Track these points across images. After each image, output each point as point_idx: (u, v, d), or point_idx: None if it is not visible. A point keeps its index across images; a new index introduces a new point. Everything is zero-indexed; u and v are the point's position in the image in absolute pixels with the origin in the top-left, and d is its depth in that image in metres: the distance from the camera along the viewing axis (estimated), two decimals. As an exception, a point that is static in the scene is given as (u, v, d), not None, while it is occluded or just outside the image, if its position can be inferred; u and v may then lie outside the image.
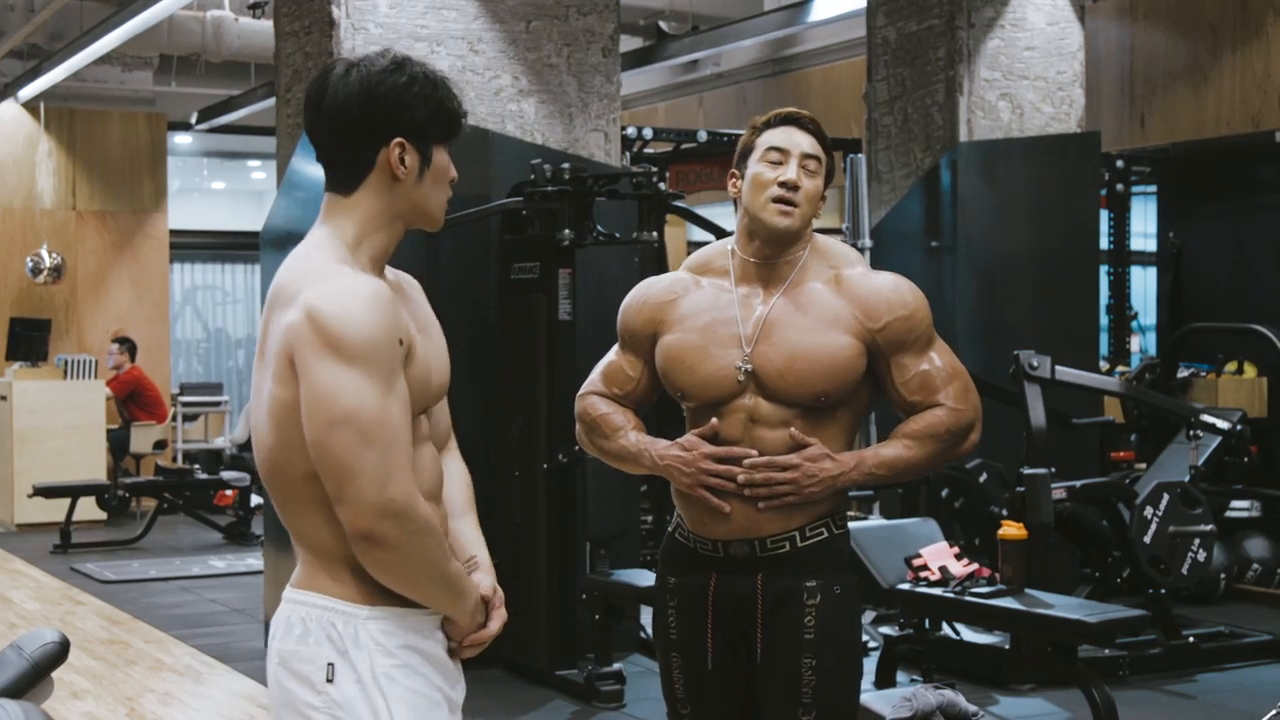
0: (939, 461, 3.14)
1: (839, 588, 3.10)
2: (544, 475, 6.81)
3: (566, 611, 6.83)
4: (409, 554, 2.30)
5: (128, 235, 14.08)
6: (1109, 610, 5.74)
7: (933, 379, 3.12)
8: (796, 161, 3.11)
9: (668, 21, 12.82)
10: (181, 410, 14.59)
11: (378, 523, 2.26)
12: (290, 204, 7.16)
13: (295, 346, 2.29)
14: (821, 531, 3.10)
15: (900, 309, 3.13)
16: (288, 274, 2.38)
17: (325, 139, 2.44)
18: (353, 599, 2.36)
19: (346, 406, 2.25)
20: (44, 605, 8.77)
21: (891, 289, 3.16)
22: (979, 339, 8.20)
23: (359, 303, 2.28)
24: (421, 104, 2.42)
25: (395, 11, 6.94)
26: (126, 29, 10.94)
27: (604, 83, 7.48)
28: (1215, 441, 7.67)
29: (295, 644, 2.37)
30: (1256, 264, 9.76)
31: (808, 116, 3.19)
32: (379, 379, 2.27)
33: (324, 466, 2.27)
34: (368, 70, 2.41)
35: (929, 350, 3.15)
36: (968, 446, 3.15)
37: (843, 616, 3.11)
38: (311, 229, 2.47)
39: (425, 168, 2.45)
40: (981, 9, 8.31)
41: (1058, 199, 8.47)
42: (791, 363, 3.05)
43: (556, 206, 6.76)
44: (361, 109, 2.39)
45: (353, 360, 2.26)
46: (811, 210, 3.13)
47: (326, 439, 2.26)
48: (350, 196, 2.43)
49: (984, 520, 7.40)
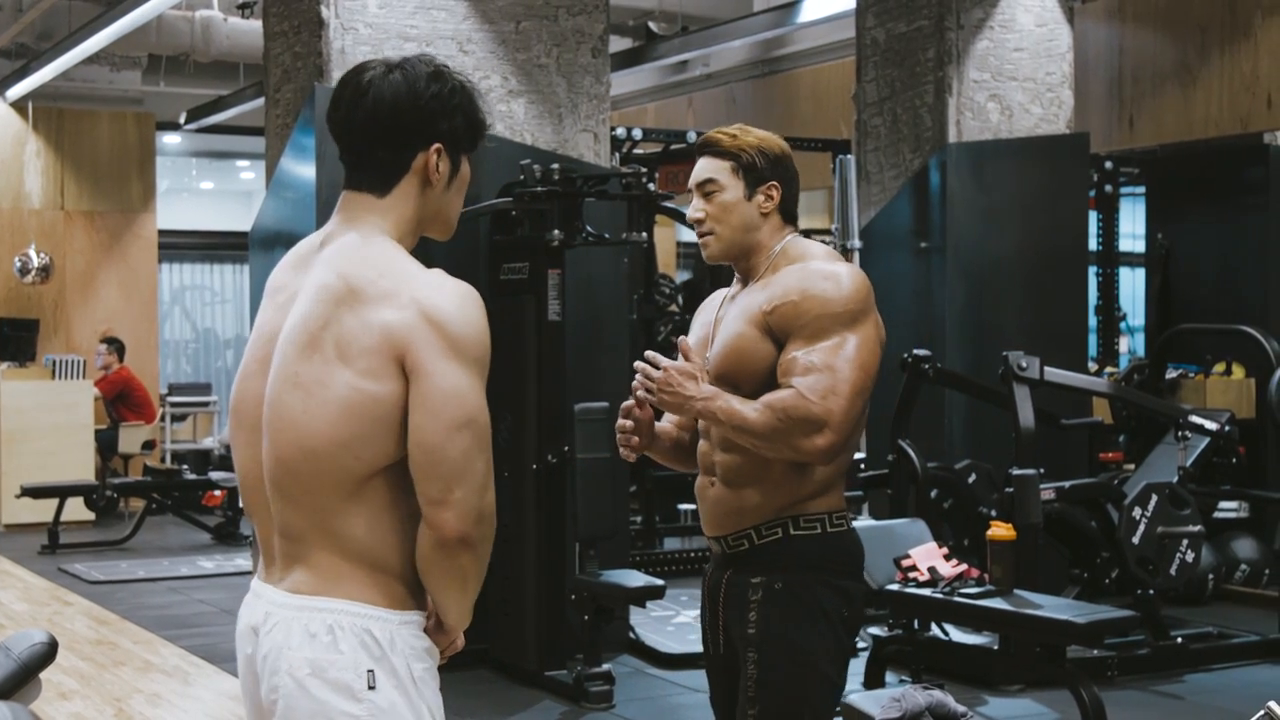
0: (773, 441, 3.05)
1: (781, 584, 3.14)
2: (533, 476, 6.81)
3: (555, 612, 6.83)
4: (483, 559, 2.37)
5: (116, 235, 14.06)
6: (1097, 611, 5.75)
7: (797, 365, 3.07)
8: (697, 195, 3.29)
9: (657, 22, 12.83)
10: (170, 411, 14.58)
11: (475, 526, 2.31)
12: (279, 204, 7.15)
13: (411, 346, 2.29)
14: (777, 532, 3.16)
15: (793, 295, 3.12)
16: (360, 271, 2.35)
17: (362, 137, 2.44)
18: (386, 604, 2.35)
19: (470, 410, 2.31)
20: (32, 606, 8.75)
21: (797, 275, 3.15)
22: (968, 339, 8.21)
23: (474, 307, 2.35)
24: (459, 113, 2.46)
25: (384, 12, 6.94)
26: (115, 29, 10.93)
27: (593, 83, 7.48)
28: (1203, 443, 7.68)
29: (326, 651, 2.32)
30: (1244, 265, 9.78)
31: (705, 140, 3.31)
32: (484, 383, 2.35)
33: (438, 468, 2.28)
34: (412, 73, 2.43)
35: (817, 342, 3.07)
36: (809, 447, 3.04)
37: (787, 615, 3.14)
38: (340, 225, 2.45)
39: (454, 175, 2.49)
40: (970, 10, 8.32)
41: (1047, 200, 8.48)
42: (721, 357, 3.21)
43: (546, 207, 6.76)
44: (406, 110, 2.42)
45: (471, 363, 2.32)
46: (730, 224, 3.25)
47: (449, 441, 2.28)
48: (384, 198, 2.45)
49: (973, 521, 7.41)
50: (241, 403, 2.46)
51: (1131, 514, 6.97)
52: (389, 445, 2.31)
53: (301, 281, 2.42)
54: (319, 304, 2.35)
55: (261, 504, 2.43)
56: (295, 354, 2.35)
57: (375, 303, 2.32)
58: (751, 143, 3.27)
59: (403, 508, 2.35)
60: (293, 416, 2.33)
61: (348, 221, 2.43)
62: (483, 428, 2.32)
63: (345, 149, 2.47)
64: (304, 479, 2.34)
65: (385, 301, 2.31)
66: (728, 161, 3.25)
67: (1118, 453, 9.39)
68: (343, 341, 2.32)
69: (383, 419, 2.30)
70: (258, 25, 12.37)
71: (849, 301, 3.09)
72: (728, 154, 3.26)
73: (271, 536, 2.42)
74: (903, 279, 8.45)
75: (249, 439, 2.44)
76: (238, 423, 2.47)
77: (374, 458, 2.31)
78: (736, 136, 3.28)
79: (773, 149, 3.28)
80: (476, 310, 2.35)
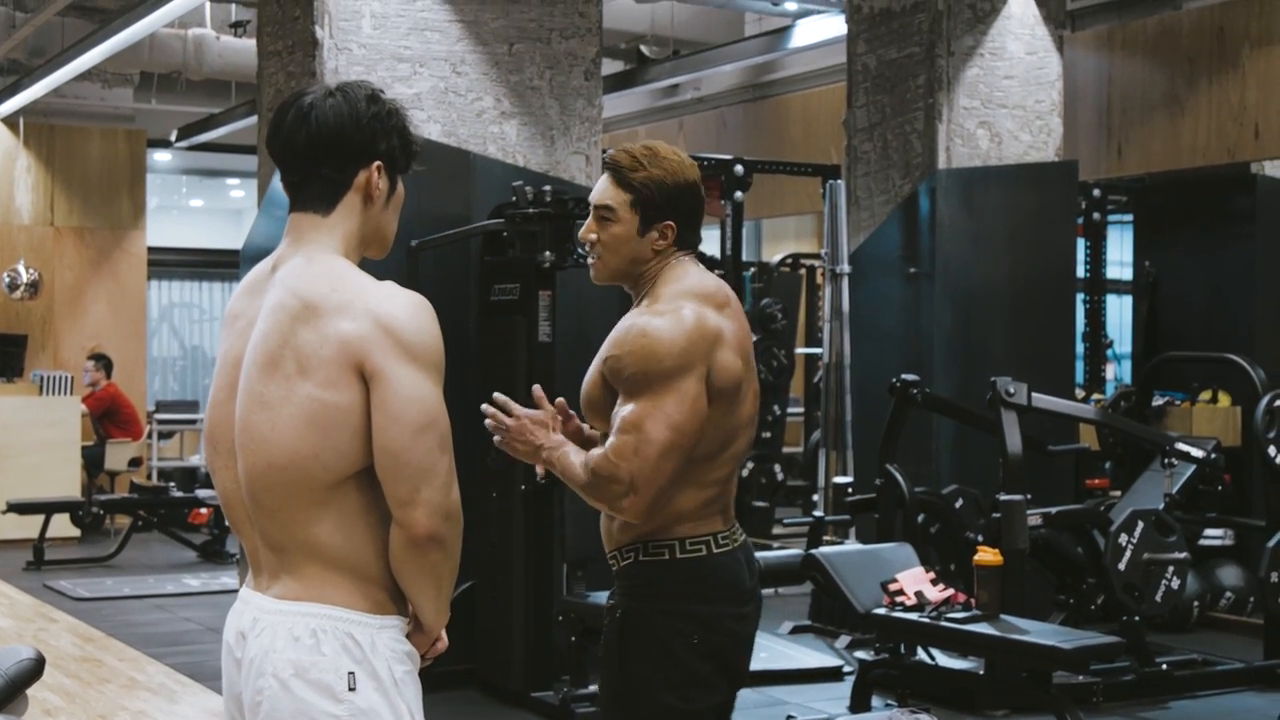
0: (592, 497, 3.12)
1: (620, 611, 3.17)
2: (521, 497, 6.82)
3: (542, 633, 6.83)
4: (453, 556, 2.46)
5: (105, 252, 14.05)
6: (1083, 637, 5.77)
7: (615, 422, 3.10)
8: (591, 216, 3.23)
9: (649, 45, 12.88)
10: (157, 428, 14.56)
11: (443, 524, 2.41)
12: (271, 222, 7.17)
13: (368, 354, 2.39)
14: (630, 557, 3.17)
15: (615, 347, 3.13)
16: (313, 287, 2.45)
17: (306, 157, 2.54)
18: (366, 609, 2.46)
19: (430, 412, 2.41)
20: (16, 622, 8.73)
21: (624, 329, 3.14)
22: (956, 365, 8.24)
23: (426, 315, 2.44)
24: (396, 134, 2.57)
25: (379, 33, 6.96)
26: (108, 46, 10.94)
27: (585, 106, 7.51)
28: (1189, 470, 7.71)
29: (309, 654, 2.42)
30: (1231, 294, 9.81)
31: (610, 160, 3.22)
32: (441, 387, 2.45)
33: (403, 469, 2.39)
34: (352, 96, 2.55)
35: (632, 400, 3.07)
36: (618, 506, 3.08)
37: (623, 642, 3.15)
38: (289, 246, 2.56)
39: (391, 194, 2.59)
40: (961, 38, 8.37)
41: (1035, 227, 8.52)
42: (582, 389, 3.23)
43: (537, 228, 6.79)
44: (349, 130, 2.52)
45: (428, 368, 2.42)
46: (618, 254, 3.19)
47: (413, 443, 2.39)
48: (328, 216, 2.55)
49: (960, 546, 7.43)
50: (215, 429, 2.57)
51: (1118, 540, 6.99)
52: (355, 452, 2.42)
53: (258, 306, 2.52)
54: (276, 324, 2.45)
55: (245, 520, 2.54)
56: (258, 374, 2.45)
57: (330, 315, 2.42)
58: (655, 175, 3.15)
59: (375, 513, 2.45)
60: (262, 434, 2.44)
61: (296, 242, 2.55)
62: (443, 428, 2.42)
63: (288, 170, 2.58)
64: (278, 493, 2.44)
65: (340, 313, 2.42)
66: (627, 194, 3.16)
67: (1104, 479, 9.41)
68: (302, 356, 2.42)
69: (346, 427, 2.40)
70: (250, 44, 12.39)
71: (666, 358, 3.04)
72: (629, 185, 3.16)
73: (258, 549, 2.54)
74: (891, 304, 8.48)
75: (226, 463, 2.54)
76: (214, 449, 2.58)
77: (341, 466, 2.42)
78: (642, 166, 3.15)
79: (677, 181, 3.17)
80: (429, 318, 2.45)
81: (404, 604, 2.50)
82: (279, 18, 7.22)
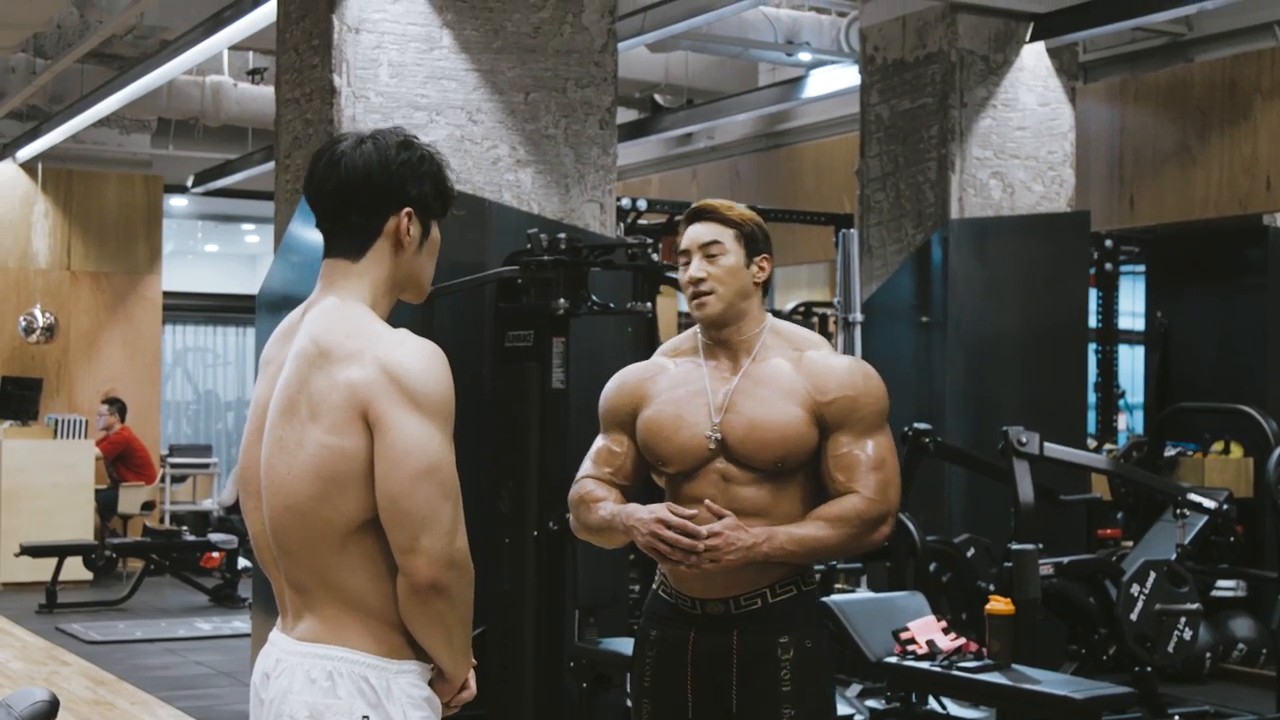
0: (848, 547, 3.32)
1: (810, 642, 3.29)
2: (534, 542, 6.82)
3: (553, 679, 6.82)
4: (460, 605, 2.45)
5: (121, 296, 14.12)
6: (1095, 687, 5.75)
7: (858, 464, 3.29)
8: (698, 256, 3.38)
9: (663, 95, 12.95)
10: (170, 472, 14.59)
11: (445, 572, 2.39)
12: (287, 268, 7.22)
13: (373, 401, 2.40)
14: (791, 589, 3.30)
15: (849, 389, 3.32)
16: (330, 334, 2.47)
17: (336, 204, 2.57)
18: (383, 654, 2.45)
19: (431, 459, 2.40)
20: (29, 665, 8.74)
21: (845, 369, 3.35)
22: (968, 414, 8.24)
23: (436, 363, 2.45)
24: (429, 179, 2.60)
25: (396, 81, 7.02)
26: (126, 93, 11.03)
27: (600, 154, 7.56)
28: (1202, 521, 7.70)
29: (324, 696, 2.42)
30: (1243, 345, 9.82)
31: (705, 207, 3.44)
32: (448, 435, 2.44)
33: (403, 516, 2.38)
34: (383, 143, 2.57)
35: (867, 437, 3.32)
36: (877, 538, 3.32)
37: (817, 668, 3.30)
38: (320, 292, 2.58)
39: (424, 239, 2.61)
40: (974, 89, 8.42)
41: (1047, 277, 8.54)
42: (751, 430, 3.28)
43: (552, 276, 6.81)
44: (378, 176, 2.55)
45: (433, 415, 2.42)
46: (731, 287, 3.37)
47: (413, 490, 2.38)
48: (358, 263, 2.56)
49: (971, 595, 7.42)
50: (245, 471, 2.59)
51: (1130, 591, 6.98)
52: (364, 499, 2.42)
53: (288, 351, 2.54)
54: (296, 369, 2.48)
55: (272, 561, 2.55)
56: (279, 419, 2.48)
57: (342, 362, 2.44)
58: (748, 216, 3.44)
59: (392, 559, 2.45)
60: (280, 478, 2.46)
61: (326, 289, 2.57)
62: (446, 476, 2.41)
63: (321, 217, 2.60)
64: (296, 536, 2.46)
65: (350, 360, 2.43)
66: (730, 229, 3.38)
67: (1116, 529, 9.39)
68: (314, 401, 2.44)
69: (353, 474, 2.42)
70: (267, 91, 12.49)
71: (884, 399, 3.38)
72: (730, 222, 3.39)
73: (283, 590, 2.56)
74: (904, 353, 8.50)
75: (255, 505, 2.56)
76: (245, 491, 2.60)
77: (352, 511, 2.43)
78: (733, 208, 3.43)
79: (762, 225, 3.46)
80: (439, 366, 2.45)
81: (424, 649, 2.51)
82: (297, 65, 7.29)
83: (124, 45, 11.23)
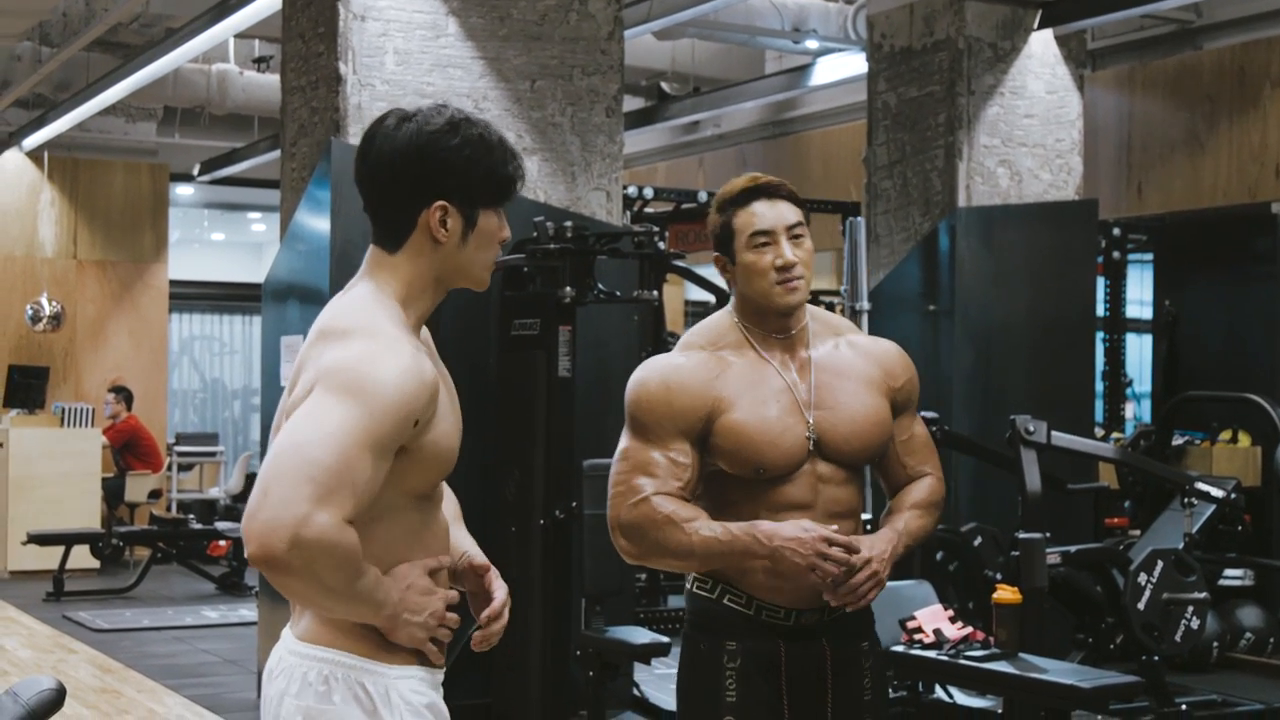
0: (932, 528, 3.28)
1: (879, 646, 3.24)
2: (540, 531, 6.82)
3: (560, 668, 6.82)
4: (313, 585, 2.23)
5: (127, 285, 14.13)
6: (1102, 676, 5.74)
7: (924, 445, 3.25)
8: (785, 238, 3.09)
9: (669, 83, 12.93)
10: (177, 460, 14.59)
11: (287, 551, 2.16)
12: (292, 257, 7.20)
13: (313, 380, 2.27)
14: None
15: (909, 370, 3.24)
16: (336, 319, 2.35)
17: (368, 191, 2.43)
18: (380, 658, 2.35)
19: (315, 437, 2.19)
20: (36, 653, 8.75)
21: (898, 351, 3.27)
22: (975, 403, 8.23)
23: (390, 358, 2.26)
24: (473, 168, 2.39)
25: (402, 69, 7.01)
26: (132, 81, 11.03)
27: (606, 142, 7.54)
28: (1209, 509, 7.68)
29: (318, 701, 2.33)
30: (1251, 333, 9.80)
31: (776, 183, 3.16)
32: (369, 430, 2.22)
33: (262, 480, 2.19)
34: (420, 127, 2.38)
35: (916, 418, 3.26)
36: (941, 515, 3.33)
37: (885, 673, 3.30)
38: (358, 277, 2.45)
39: (469, 230, 2.42)
40: (982, 76, 8.39)
41: (1055, 265, 8.52)
42: (852, 426, 3.08)
43: (558, 264, 6.80)
44: (405, 166, 2.37)
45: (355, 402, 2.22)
46: (810, 272, 3.14)
47: (278, 456, 2.19)
48: (395, 255, 2.41)
49: (979, 584, 7.41)
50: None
51: (1137, 580, 6.97)
52: None
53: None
54: (305, 348, 2.38)
55: None
56: (285, 399, 2.39)
57: (325, 343, 2.32)
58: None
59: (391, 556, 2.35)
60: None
61: (364, 275, 2.44)
62: (322, 462, 2.17)
63: (363, 200, 2.46)
64: None
65: (326, 340, 2.32)
66: (801, 209, 3.17)
67: (1123, 518, 9.38)
68: (300, 384, 2.33)
69: None
70: (273, 79, 12.48)
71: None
72: (801, 203, 3.17)
73: None
74: (911, 341, 8.45)
75: None
76: None
77: None
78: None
79: None
80: (393, 362, 2.26)
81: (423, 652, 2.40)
82: (303, 53, 7.27)
83: (129, 33, 11.22)
